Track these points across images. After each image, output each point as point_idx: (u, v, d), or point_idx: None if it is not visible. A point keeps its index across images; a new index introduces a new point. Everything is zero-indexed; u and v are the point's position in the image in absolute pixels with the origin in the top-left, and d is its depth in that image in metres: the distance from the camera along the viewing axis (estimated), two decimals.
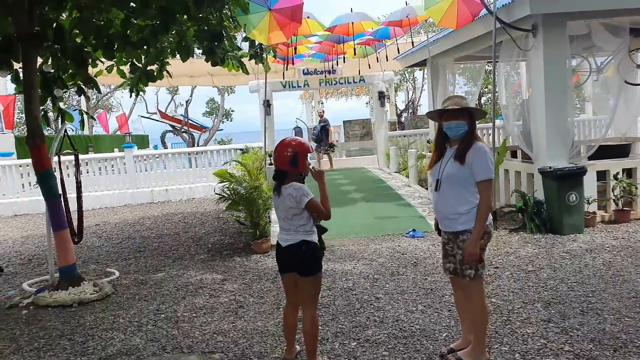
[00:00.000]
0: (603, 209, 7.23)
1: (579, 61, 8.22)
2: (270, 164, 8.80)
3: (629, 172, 7.28)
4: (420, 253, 6.21)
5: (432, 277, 5.21)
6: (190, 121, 28.37)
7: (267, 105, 12.39)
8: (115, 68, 7.60)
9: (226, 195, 6.97)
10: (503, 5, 6.97)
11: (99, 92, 6.88)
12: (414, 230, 7.27)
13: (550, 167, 6.68)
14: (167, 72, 7.88)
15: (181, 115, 29.38)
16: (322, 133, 14.48)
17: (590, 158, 7.31)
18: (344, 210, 8.76)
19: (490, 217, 3.18)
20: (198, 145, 28.08)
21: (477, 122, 3.20)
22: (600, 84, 8.67)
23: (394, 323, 4.03)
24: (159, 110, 29.37)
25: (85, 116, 7.00)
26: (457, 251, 3.18)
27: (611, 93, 8.40)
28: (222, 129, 30.71)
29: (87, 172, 12.32)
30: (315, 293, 3.31)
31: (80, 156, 12.79)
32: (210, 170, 11.77)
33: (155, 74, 7.60)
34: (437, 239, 6.83)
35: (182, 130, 28.03)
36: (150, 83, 7.86)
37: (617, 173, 7.06)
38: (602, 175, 7.22)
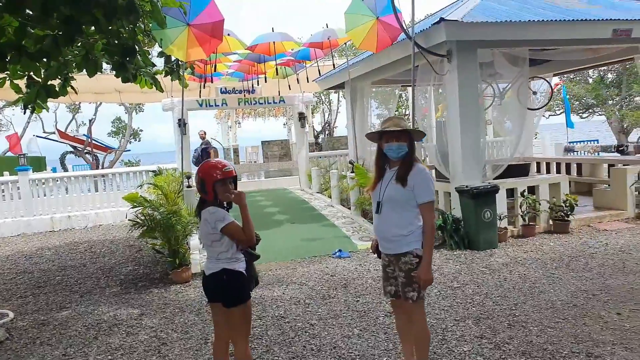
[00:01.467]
0: (512, 224, 7.70)
1: (484, 87, 8.85)
2: (189, 186, 8.35)
3: (531, 190, 7.85)
4: (348, 274, 6.15)
5: (364, 299, 5.14)
6: (94, 141, 26.41)
7: (183, 124, 11.86)
8: (8, 82, 6.82)
9: (140, 222, 6.44)
10: (421, 30, 7.29)
11: None
12: (340, 250, 7.22)
13: (466, 186, 6.99)
14: (72, 87, 7.23)
15: (84, 135, 27.27)
16: (203, 155, 13.83)
17: (495, 177, 7.80)
18: (269, 233, 8.51)
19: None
20: (103, 167, 26.26)
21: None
22: (501, 108, 9.36)
23: (332, 350, 3.88)
24: (57, 130, 27.00)
25: None
26: (399, 273, 3.11)
27: (510, 117, 9.11)
28: (129, 150, 29.03)
29: None
30: (244, 325, 3.06)
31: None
32: (119, 194, 10.94)
33: (57, 89, 6.92)
34: (364, 258, 6.87)
35: (85, 151, 26.01)
36: (50, 99, 7.12)
37: (524, 190, 7.58)
38: (510, 193, 7.72)
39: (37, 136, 26.92)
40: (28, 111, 7.29)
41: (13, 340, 4.72)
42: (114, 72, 6.86)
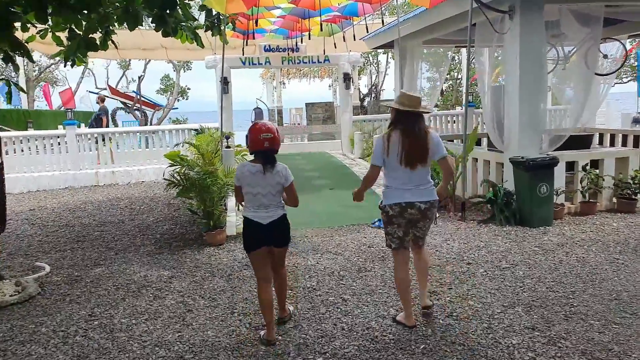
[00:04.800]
0: (569, 201, 7.06)
1: (547, 49, 7.98)
2: (228, 147, 8.14)
3: (594, 164, 7.12)
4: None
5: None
6: (142, 98, 26.80)
7: (225, 82, 11.61)
8: (50, 34, 6.71)
9: (176, 181, 6.29)
10: None
11: (31, 60, 6.00)
12: (379, 220, 6.82)
13: (522, 157, 6.39)
14: (113, 42, 7.03)
15: (133, 91, 27.71)
16: (96, 123, 12.98)
17: (554, 150, 7.09)
18: (306, 197, 8.21)
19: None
20: (151, 124, 26.75)
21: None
22: (563, 73, 8.47)
23: (364, 332, 3.58)
24: (109, 86, 27.54)
25: (13, 87, 6.07)
26: (425, 222, 3.62)
27: (574, 83, 8.21)
28: (177, 108, 29.28)
29: (22, 151, 11.20)
30: (285, 257, 3.75)
31: (15, 133, 11.69)
32: (161, 152, 10.92)
33: (98, 43, 6.74)
34: None
35: (134, 107, 26.50)
36: (95, 54, 6.99)
37: (586, 164, 6.87)
38: (569, 167, 7.03)
39: (89, 92, 27.65)
40: (73, 65, 7.27)
41: (44, 295, 4.72)
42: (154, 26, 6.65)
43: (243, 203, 3.57)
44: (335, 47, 10.73)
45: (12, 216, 8.59)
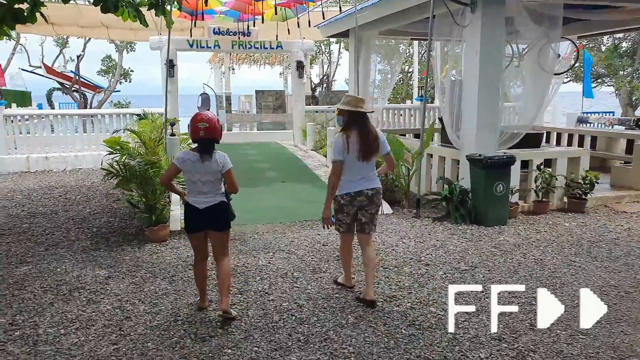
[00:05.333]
0: (522, 200, 7.11)
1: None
2: (172, 135, 7.59)
3: (546, 163, 7.21)
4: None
5: (359, 276, 4.56)
6: (82, 79, 25.13)
7: (171, 65, 10.91)
8: None
9: (115, 171, 5.74)
10: None
11: None
12: (334, 216, 6.60)
13: (480, 155, 6.32)
14: (42, 14, 6.31)
15: (71, 71, 25.93)
16: None
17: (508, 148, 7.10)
18: (258, 191, 7.86)
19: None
20: (91, 107, 25.17)
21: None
22: (514, 70, 8.52)
23: (321, 343, 3.31)
24: (44, 64, 25.56)
25: None
26: (373, 208, 4.05)
27: (524, 81, 8.29)
28: (119, 91, 27.73)
29: None
30: (227, 244, 3.78)
31: None
32: (101, 138, 10.14)
33: (25, 14, 6.02)
34: None
35: (73, 89, 24.82)
36: (27, 29, 6.25)
37: (541, 163, 6.93)
38: (523, 165, 7.08)
39: (22, 69, 25.60)
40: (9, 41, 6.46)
41: None
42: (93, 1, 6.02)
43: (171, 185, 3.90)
44: (289, 34, 10.34)
45: None
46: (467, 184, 6.61)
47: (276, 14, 8.18)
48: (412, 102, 19.17)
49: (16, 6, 5.83)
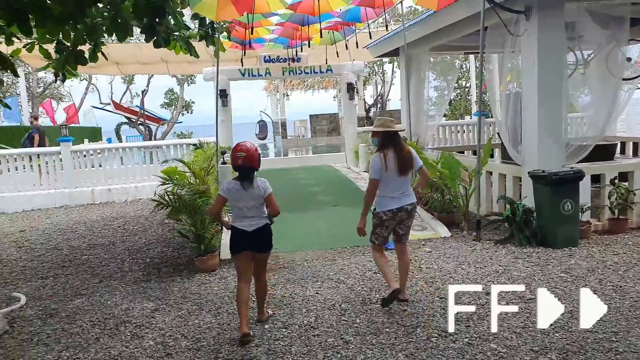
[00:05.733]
0: (596, 218, 6.46)
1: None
2: (224, 163, 7.65)
3: (622, 176, 6.54)
4: (395, 271, 5.25)
5: (413, 308, 4.23)
6: (146, 113, 26.56)
7: (223, 95, 11.16)
8: (37, 47, 6.33)
9: (165, 202, 5.79)
10: None
11: (15, 75, 5.60)
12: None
13: (543, 171, 5.82)
14: (103, 54, 6.62)
15: (137, 106, 27.49)
16: (30, 142, 12.39)
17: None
18: (309, 215, 7.71)
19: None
20: (155, 139, 26.43)
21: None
22: (580, 78, 7.89)
23: None
24: (112, 101, 27.34)
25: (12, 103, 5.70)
26: (408, 220, 4.39)
27: (592, 89, 7.63)
28: (181, 122, 28.98)
29: (17, 169, 10.80)
30: (267, 263, 4.12)
31: (8, 150, 11.31)
32: (159, 168, 10.45)
33: (88, 55, 6.34)
34: (415, 252, 5.95)
35: (138, 122, 26.24)
36: (96, 70, 6.60)
37: (615, 177, 6.28)
38: (594, 180, 6.46)
39: (93, 107, 27.48)
40: (64, 80, 6.89)
41: (12, 333, 4.21)
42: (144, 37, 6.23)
43: (217, 215, 4.10)
44: (338, 56, 10.28)
45: (2, 237, 8.17)
46: (531, 202, 6.10)
47: (322, 37, 8.13)
48: (470, 118, 18.54)
49: (78, 48, 6.19)
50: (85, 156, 11.06)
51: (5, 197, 10.56)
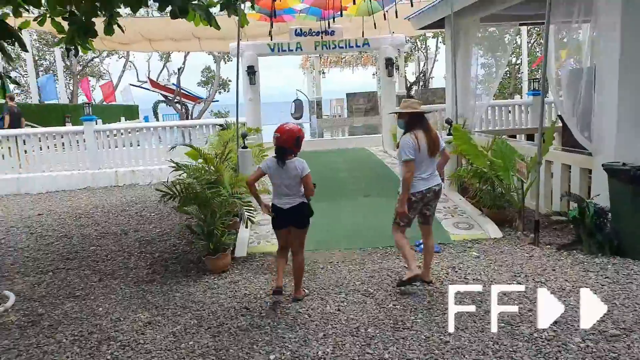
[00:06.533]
0: None
1: None
2: (244, 147, 6.89)
3: None
4: (437, 281, 4.38)
5: (458, 335, 3.36)
6: (182, 91, 26.22)
7: (252, 71, 10.37)
8: (50, 20, 5.76)
9: (171, 192, 5.09)
10: None
11: (24, 49, 4.97)
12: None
13: (624, 164, 4.73)
14: (119, 26, 5.96)
15: (173, 84, 27.21)
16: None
17: None
18: (337, 207, 6.87)
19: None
20: (192, 118, 26.12)
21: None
22: None
23: None
24: (149, 79, 27.09)
25: (7, 81, 5.14)
26: (434, 202, 4.32)
27: None
28: (217, 100, 28.53)
29: (41, 149, 10.47)
30: (304, 240, 4.19)
31: (31, 130, 11.01)
32: (184, 149, 9.86)
33: (103, 28, 5.69)
34: (460, 256, 5.06)
35: (175, 100, 25.97)
36: (129, 47, 5.97)
37: None
38: None
39: (131, 85, 27.38)
40: (76, 54, 6.32)
41: None
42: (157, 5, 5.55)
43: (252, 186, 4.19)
44: (375, 28, 9.21)
45: (18, 222, 7.79)
46: (606, 201, 5.02)
47: (357, 6, 7.15)
48: (521, 98, 17.03)
49: (92, 20, 5.53)
50: (108, 136, 10.58)
51: (29, 177, 10.27)
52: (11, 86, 13.95)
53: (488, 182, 6.38)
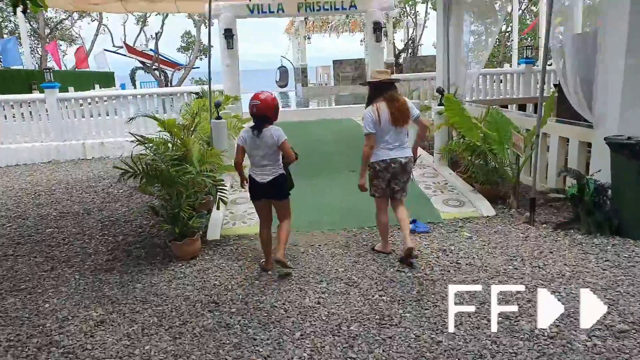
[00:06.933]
0: None
1: None
2: (218, 118, 6.32)
3: None
4: (426, 266, 4.01)
5: (451, 338, 2.97)
6: (161, 57, 25.10)
7: (229, 35, 9.64)
8: None
9: (131, 169, 4.54)
10: None
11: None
12: (414, 220, 4.99)
13: (628, 138, 4.32)
14: None
15: (151, 50, 26.01)
16: None
17: None
18: (320, 183, 6.39)
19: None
20: (171, 85, 25.12)
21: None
22: None
23: None
24: (125, 44, 25.83)
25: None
26: (404, 176, 4.24)
27: None
28: (198, 67, 27.43)
29: (5, 118, 9.70)
30: (288, 207, 4.11)
31: None
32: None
33: None
34: (452, 236, 4.69)
35: (153, 67, 24.87)
36: (99, 8, 5.26)
37: None
38: None
39: (106, 50, 26.09)
40: (25, 11, 5.63)
41: None
42: None
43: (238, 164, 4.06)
44: None
45: None
46: (607, 178, 4.63)
47: None
48: (510, 66, 16.50)
49: None
50: (74, 106, 9.84)
51: None
52: None
53: (481, 156, 5.95)
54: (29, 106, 9.68)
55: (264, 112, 3.84)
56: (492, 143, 5.51)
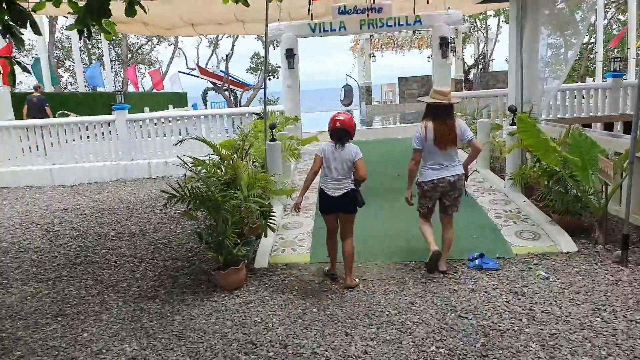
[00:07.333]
0: None
1: None
2: (272, 140, 6.11)
3: None
4: (494, 313, 3.46)
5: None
6: (231, 78, 25.90)
7: (290, 55, 9.53)
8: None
9: (178, 194, 4.40)
10: None
11: (37, 33, 4.37)
12: (481, 255, 4.45)
13: None
14: (142, 7, 5.32)
15: (221, 71, 26.93)
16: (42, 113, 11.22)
17: None
18: (375, 209, 5.93)
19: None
20: (240, 105, 25.79)
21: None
22: None
23: None
24: (198, 66, 26.93)
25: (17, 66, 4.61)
26: (454, 192, 4.29)
27: None
28: (267, 87, 28.00)
29: (74, 140, 10.20)
30: (352, 223, 4.21)
31: (63, 120, 10.76)
32: (219, 139, 9.24)
33: (125, 10, 5.08)
34: (525, 276, 4.07)
35: (224, 88, 25.71)
36: (175, 33, 5.33)
37: None
38: None
39: (180, 72, 27.35)
40: (89, 37, 5.77)
41: None
42: None
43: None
44: (429, 3, 8.10)
45: (41, 218, 7.45)
46: None
47: None
48: (594, 81, 15.19)
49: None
50: (141, 126, 10.15)
51: (62, 168, 10.04)
52: (26, 75, 13.93)
53: (560, 183, 5.26)
54: (102, 127, 10.09)
55: (347, 128, 4.08)
56: (573, 169, 4.83)
